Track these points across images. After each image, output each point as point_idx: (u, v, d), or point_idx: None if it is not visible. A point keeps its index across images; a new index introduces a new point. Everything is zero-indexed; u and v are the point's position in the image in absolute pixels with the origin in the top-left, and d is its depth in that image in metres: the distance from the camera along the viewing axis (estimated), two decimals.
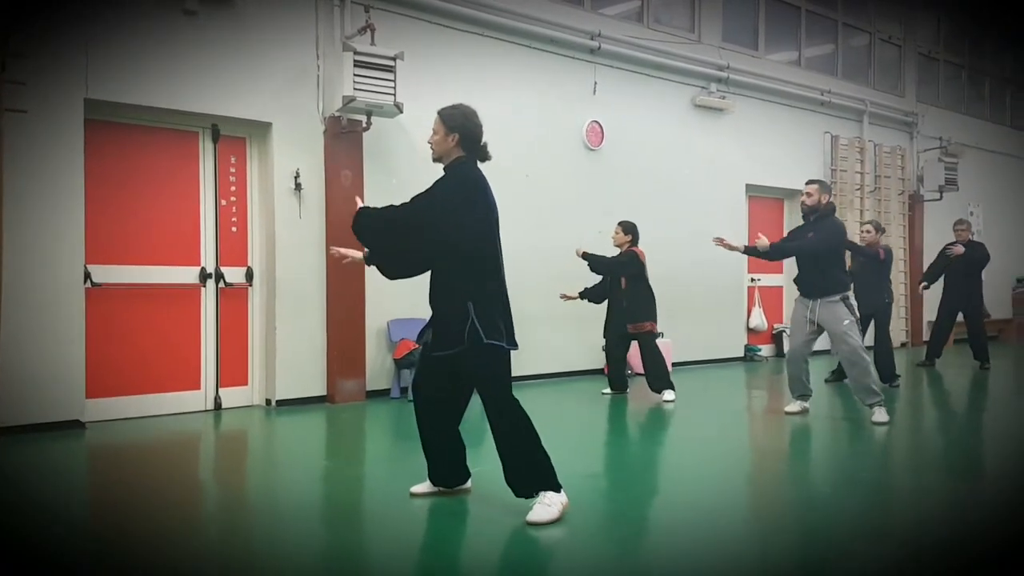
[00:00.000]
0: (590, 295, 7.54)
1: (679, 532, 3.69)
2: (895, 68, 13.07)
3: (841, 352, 6.28)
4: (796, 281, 6.48)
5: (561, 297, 7.52)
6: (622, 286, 7.29)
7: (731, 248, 6.45)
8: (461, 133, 3.81)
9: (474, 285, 3.71)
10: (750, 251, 6.58)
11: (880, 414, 6.11)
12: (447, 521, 3.81)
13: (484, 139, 3.88)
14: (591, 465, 5.00)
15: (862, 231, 8.75)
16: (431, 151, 3.90)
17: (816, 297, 6.22)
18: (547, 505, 3.66)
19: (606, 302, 7.52)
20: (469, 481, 4.15)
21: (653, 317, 7.31)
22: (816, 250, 6.18)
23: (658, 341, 7.48)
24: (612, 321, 7.46)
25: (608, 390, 7.64)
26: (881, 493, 4.41)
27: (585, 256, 7.30)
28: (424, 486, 4.12)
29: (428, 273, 3.89)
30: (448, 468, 4.08)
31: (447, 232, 3.70)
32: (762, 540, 3.65)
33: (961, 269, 9.52)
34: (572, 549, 3.44)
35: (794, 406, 6.55)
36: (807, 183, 6.43)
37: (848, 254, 7.50)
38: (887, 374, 7.82)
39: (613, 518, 3.90)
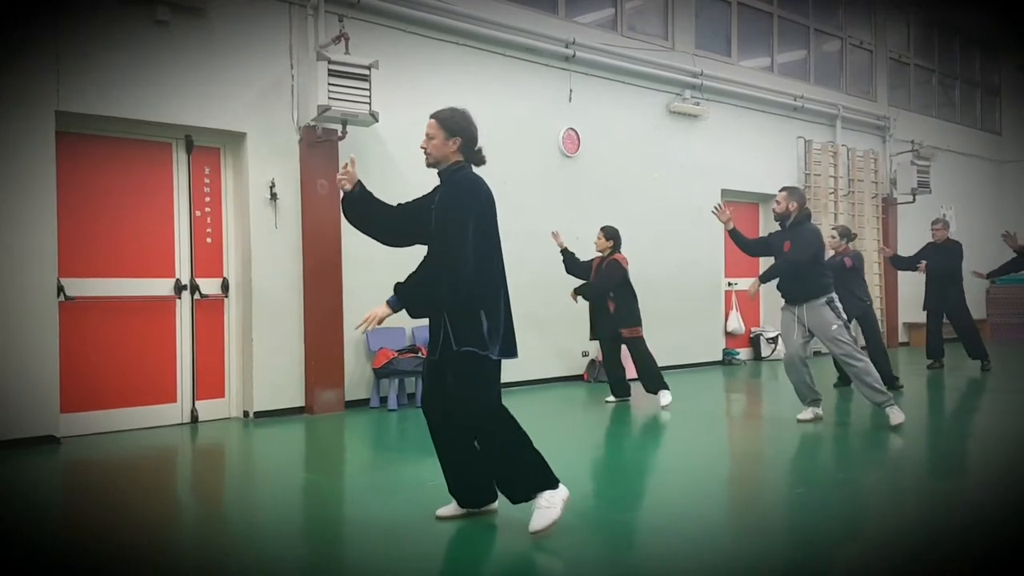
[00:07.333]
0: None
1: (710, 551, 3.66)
2: (867, 73, 13.23)
3: (835, 355, 6.28)
4: (779, 288, 6.45)
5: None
6: (610, 293, 7.28)
7: (724, 220, 6.55)
8: (463, 137, 3.68)
9: (488, 291, 3.65)
10: (735, 235, 6.64)
11: (895, 415, 6.00)
12: (431, 535, 3.74)
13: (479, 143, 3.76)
14: (602, 479, 4.98)
15: (828, 237, 8.75)
16: (425, 156, 3.73)
17: (801, 303, 6.22)
18: (546, 507, 3.48)
19: (587, 306, 7.52)
20: (496, 502, 3.86)
21: (641, 321, 7.32)
22: (797, 260, 6.18)
23: None
24: (600, 325, 7.40)
25: (611, 398, 7.54)
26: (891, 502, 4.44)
27: (578, 293, 7.36)
28: (450, 508, 3.86)
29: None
30: (472, 487, 3.80)
31: (476, 244, 3.58)
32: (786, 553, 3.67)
33: (936, 271, 9.62)
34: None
35: (806, 413, 6.36)
36: (779, 191, 6.49)
37: None
38: (885, 378, 7.63)
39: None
